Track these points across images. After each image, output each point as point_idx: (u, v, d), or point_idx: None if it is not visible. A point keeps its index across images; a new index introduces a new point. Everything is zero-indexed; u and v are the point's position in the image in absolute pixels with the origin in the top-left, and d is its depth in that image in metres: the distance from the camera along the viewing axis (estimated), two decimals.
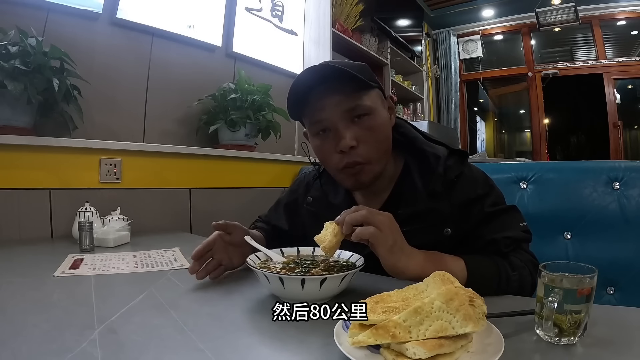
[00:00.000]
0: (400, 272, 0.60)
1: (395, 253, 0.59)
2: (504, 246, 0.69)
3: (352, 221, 0.58)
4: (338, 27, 2.63)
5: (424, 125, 3.11)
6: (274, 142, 1.90)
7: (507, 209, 0.74)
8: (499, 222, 0.71)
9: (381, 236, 0.57)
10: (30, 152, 1.19)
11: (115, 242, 1.06)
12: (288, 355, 0.43)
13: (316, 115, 0.70)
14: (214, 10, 1.91)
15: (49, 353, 0.42)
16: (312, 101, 0.70)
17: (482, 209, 0.72)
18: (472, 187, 0.73)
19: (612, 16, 3.95)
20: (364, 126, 0.69)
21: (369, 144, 0.69)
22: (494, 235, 0.69)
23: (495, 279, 0.64)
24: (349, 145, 0.67)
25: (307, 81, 0.68)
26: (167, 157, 1.54)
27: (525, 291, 0.66)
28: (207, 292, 0.67)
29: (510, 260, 0.68)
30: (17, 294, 0.63)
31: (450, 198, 0.72)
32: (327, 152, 0.72)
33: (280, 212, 0.95)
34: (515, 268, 0.66)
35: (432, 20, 4.54)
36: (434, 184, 0.72)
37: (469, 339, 0.39)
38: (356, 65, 0.71)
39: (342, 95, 0.68)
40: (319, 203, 0.85)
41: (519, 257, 0.69)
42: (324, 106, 0.69)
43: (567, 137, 5.60)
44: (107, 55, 1.51)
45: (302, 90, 0.69)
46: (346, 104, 0.68)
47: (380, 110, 0.71)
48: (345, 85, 0.67)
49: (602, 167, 1.03)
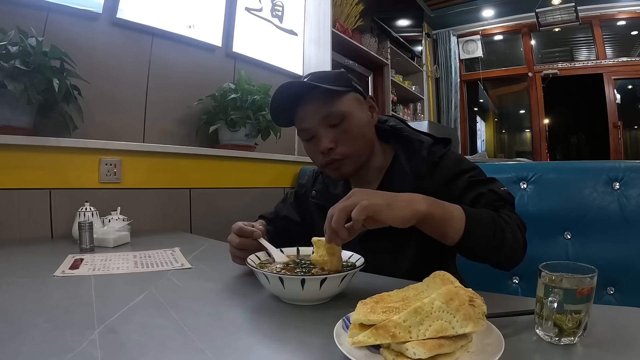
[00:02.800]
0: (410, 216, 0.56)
1: (395, 206, 0.56)
2: (491, 200, 0.71)
3: (339, 224, 0.55)
4: (338, 27, 2.63)
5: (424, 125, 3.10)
6: (274, 142, 1.90)
7: (490, 178, 0.78)
8: (482, 184, 0.75)
9: (372, 203, 0.54)
10: (30, 152, 1.19)
11: (115, 242, 1.06)
12: (288, 356, 0.43)
13: (299, 125, 0.82)
14: (214, 10, 1.91)
15: (49, 353, 0.42)
16: (296, 114, 0.81)
17: (465, 179, 0.76)
18: (456, 164, 0.80)
19: (612, 16, 3.95)
20: (340, 129, 0.78)
21: (346, 143, 0.79)
22: (480, 190, 0.73)
23: (492, 225, 0.64)
24: (327, 147, 0.78)
25: (284, 98, 0.79)
26: (167, 157, 1.54)
27: (518, 245, 0.66)
28: (207, 292, 0.67)
29: (500, 214, 0.68)
30: (17, 294, 0.63)
31: (435, 177, 0.79)
32: (313, 154, 0.83)
33: (289, 204, 1.02)
34: (507, 221, 0.67)
35: (432, 20, 4.54)
36: (418, 165, 0.80)
37: (469, 339, 0.39)
38: (332, 74, 0.81)
39: (316, 106, 0.78)
40: (321, 195, 0.94)
41: (507, 214, 0.69)
42: (303, 117, 0.80)
43: (567, 137, 5.60)
44: (107, 55, 1.51)
45: (281, 107, 0.81)
46: (321, 113, 0.78)
47: (355, 112, 0.80)
48: (319, 96, 0.77)
49: (602, 167, 1.03)
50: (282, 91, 0.78)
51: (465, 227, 0.61)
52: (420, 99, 4.16)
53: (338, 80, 0.79)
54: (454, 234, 0.61)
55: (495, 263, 0.68)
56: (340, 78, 0.80)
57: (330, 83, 0.77)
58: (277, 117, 0.84)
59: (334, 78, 0.79)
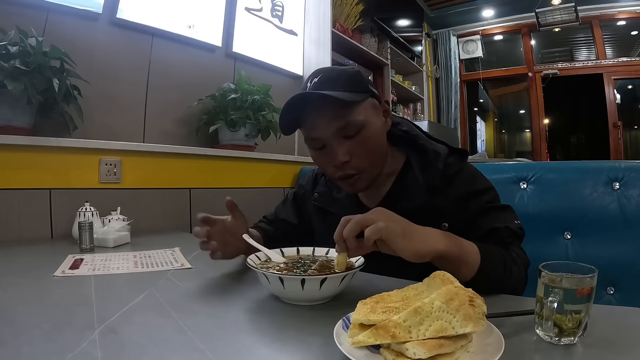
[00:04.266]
0: (426, 253, 0.56)
1: (412, 238, 0.56)
2: (505, 236, 0.70)
3: (350, 234, 0.55)
4: (338, 27, 2.63)
5: (424, 125, 3.11)
6: (274, 142, 1.90)
7: (504, 206, 0.76)
8: (496, 215, 0.73)
9: (389, 228, 0.54)
10: (30, 152, 1.19)
11: (115, 242, 1.06)
12: (288, 356, 0.43)
13: (311, 134, 0.73)
14: (214, 10, 1.91)
15: (49, 353, 0.42)
16: (306, 120, 0.73)
17: (481, 203, 0.74)
18: (471, 182, 0.76)
19: (612, 16, 3.95)
20: (356, 141, 0.71)
21: (362, 156, 0.72)
22: (495, 224, 0.71)
23: (502, 265, 0.64)
24: (342, 161, 0.71)
25: (297, 107, 0.71)
26: (167, 157, 1.54)
27: (520, 283, 0.67)
28: (207, 292, 0.67)
29: (510, 251, 0.69)
30: (17, 294, 0.63)
31: (449, 193, 0.74)
32: (323, 164, 0.76)
33: (288, 206, 0.99)
34: (515, 261, 0.67)
35: (432, 20, 4.54)
36: (433, 178, 0.75)
37: (469, 339, 0.39)
38: (347, 76, 0.72)
39: (331, 115, 0.70)
40: (324, 198, 0.89)
41: (516, 252, 0.70)
42: (315, 126, 0.72)
43: (567, 137, 5.60)
44: (107, 55, 1.51)
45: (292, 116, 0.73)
46: (336, 123, 0.70)
47: (372, 120, 0.73)
48: (334, 104, 0.68)
49: (602, 167, 1.03)
50: (294, 102, 0.69)
51: (478, 269, 0.61)
52: (420, 99, 4.15)
53: (354, 83, 0.71)
54: (467, 274, 0.61)
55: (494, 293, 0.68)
56: (357, 81, 0.72)
57: (345, 87, 0.69)
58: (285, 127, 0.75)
59: (350, 81, 0.71)
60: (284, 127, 0.74)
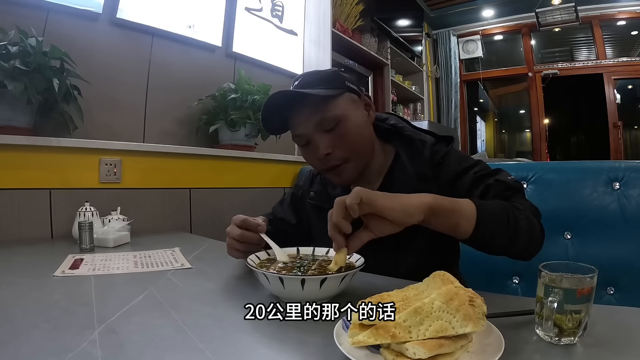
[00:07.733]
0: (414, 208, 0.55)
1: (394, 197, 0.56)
2: (500, 190, 0.69)
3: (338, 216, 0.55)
4: (338, 27, 2.63)
5: (424, 125, 3.11)
6: (274, 142, 1.89)
7: (495, 169, 0.76)
8: (488, 177, 0.73)
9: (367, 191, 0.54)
10: (30, 152, 1.19)
11: (115, 242, 1.06)
12: (288, 356, 0.43)
13: (293, 131, 0.79)
14: (214, 10, 1.91)
15: (49, 353, 0.42)
16: (289, 119, 0.79)
17: (471, 175, 0.74)
18: (459, 162, 0.77)
19: (612, 16, 3.95)
20: (336, 133, 0.75)
21: (343, 147, 0.76)
22: (487, 182, 0.71)
23: (504, 214, 0.62)
24: (324, 154, 0.76)
25: (280, 109, 0.77)
26: (167, 157, 1.54)
27: (534, 231, 0.64)
28: (207, 292, 0.67)
29: (512, 202, 0.66)
30: (17, 294, 0.63)
31: (440, 178, 0.77)
32: (310, 159, 0.81)
33: (286, 206, 1.01)
34: (519, 209, 0.64)
35: (432, 20, 4.54)
36: (421, 167, 0.78)
37: (469, 339, 0.39)
38: (324, 75, 0.78)
39: (309, 112, 0.75)
40: (320, 196, 0.92)
41: (518, 201, 0.67)
42: (296, 124, 0.78)
43: (567, 137, 5.60)
44: (107, 55, 1.51)
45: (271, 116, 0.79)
46: (314, 119, 0.75)
47: (351, 113, 0.77)
48: (311, 102, 0.74)
49: (602, 167, 1.03)
50: (272, 102, 0.76)
51: (477, 218, 0.59)
52: (420, 99, 4.15)
53: (330, 81, 0.76)
54: (466, 225, 0.59)
55: (513, 254, 0.65)
56: (333, 79, 0.77)
57: (322, 85, 0.74)
58: (269, 126, 0.82)
59: (326, 79, 0.76)
60: (273, 130, 0.82)
